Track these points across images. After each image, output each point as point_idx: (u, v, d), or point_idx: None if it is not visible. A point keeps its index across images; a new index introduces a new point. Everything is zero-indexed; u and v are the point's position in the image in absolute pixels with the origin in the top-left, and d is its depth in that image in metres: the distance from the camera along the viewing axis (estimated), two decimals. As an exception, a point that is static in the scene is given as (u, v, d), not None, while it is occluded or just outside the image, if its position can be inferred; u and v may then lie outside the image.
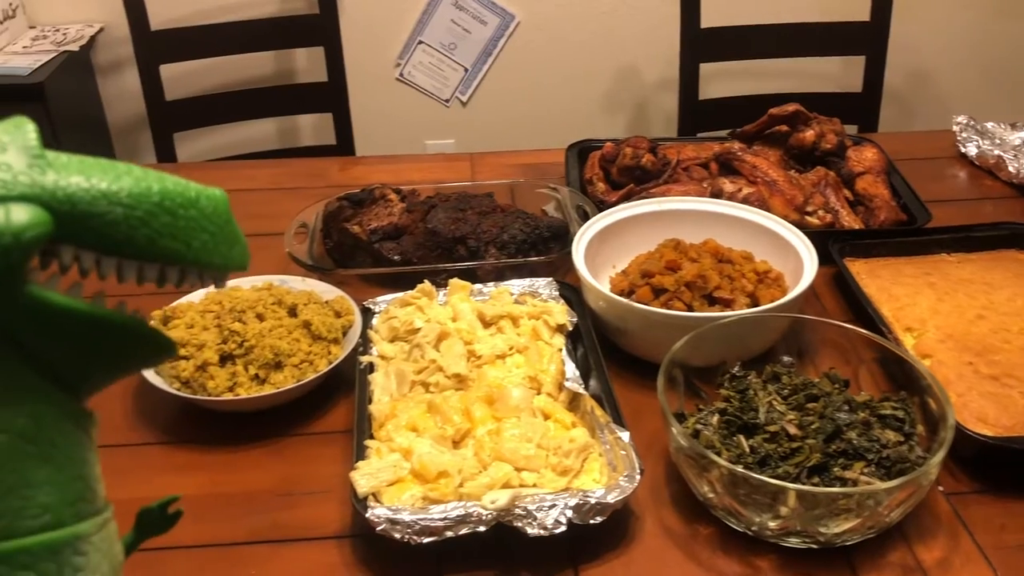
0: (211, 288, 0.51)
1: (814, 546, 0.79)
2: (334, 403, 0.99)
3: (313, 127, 2.44)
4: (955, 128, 1.53)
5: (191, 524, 0.82)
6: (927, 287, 1.09)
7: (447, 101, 2.48)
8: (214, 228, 0.44)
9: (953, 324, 1.02)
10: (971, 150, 1.49)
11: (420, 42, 2.39)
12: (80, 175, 0.39)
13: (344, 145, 2.04)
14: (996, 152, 1.43)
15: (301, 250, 1.17)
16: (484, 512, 0.77)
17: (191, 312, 0.98)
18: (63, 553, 0.43)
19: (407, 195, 1.25)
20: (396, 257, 1.16)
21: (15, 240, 0.36)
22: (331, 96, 2.00)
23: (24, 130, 0.39)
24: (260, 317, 0.98)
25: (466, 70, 2.44)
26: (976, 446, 0.85)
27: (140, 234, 0.40)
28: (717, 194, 1.22)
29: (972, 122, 1.52)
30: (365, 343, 1.01)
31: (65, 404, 0.43)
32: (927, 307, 1.05)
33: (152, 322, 0.96)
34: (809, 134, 1.30)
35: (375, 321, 1.04)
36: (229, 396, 0.93)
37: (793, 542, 0.79)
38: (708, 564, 0.80)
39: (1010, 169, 1.40)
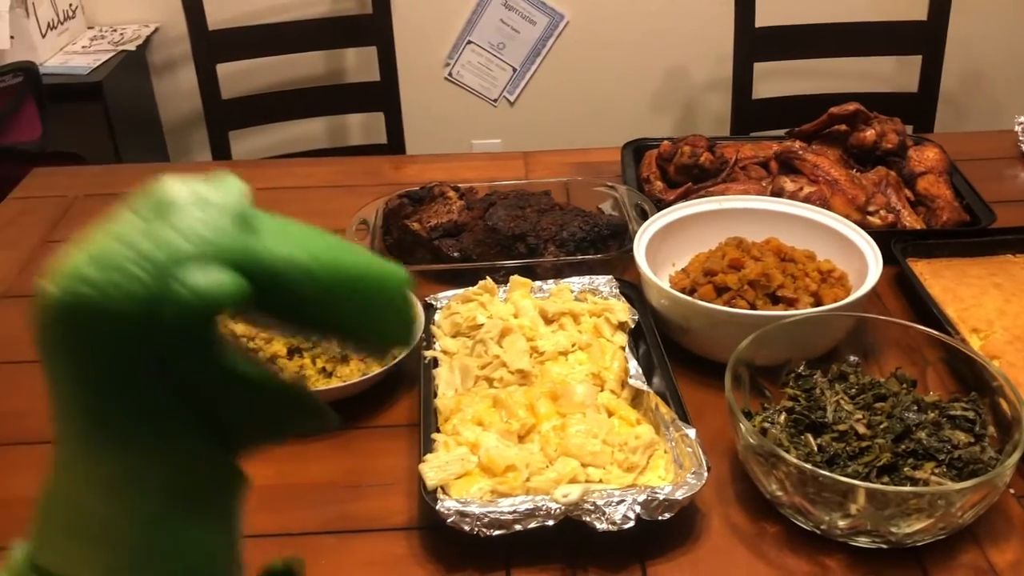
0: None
1: (884, 546, 0.78)
2: (397, 397, 1.00)
3: (362, 126, 2.47)
4: (1017, 128, 1.51)
5: (263, 513, 0.85)
6: (993, 288, 1.08)
7: (495, 101, 2.49)
8: (393, 308, 0.43)
9: (1022, 325, 1.01)
10: (1033, 150, 1.46)
11: (469, 42, 2.41)
12: (285, 244, 0.38)
13: (395, 144, 2.05)
14: (1060, 152, 1.41)
15: (362, 247, 1.18)
16: (553, 506, 0.77)
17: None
18: None
19: (465, 193, 1.26)
20: (456, 254, 1.17)
21: (213, 304, 0.35)
22: (383, 95, 2.01)
23: (231, 187, 0.38)
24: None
25: (514, 70, 2.45)
26: (1049, 448, 0.84)
27: (326, 307, 0.40)
28: (778, 193, 1.21)
29: (1034, 122, 1.49)
30: (428, 338, 1.02)
31: (224, 465, 0.42)
32: (993, 308, 1.04)
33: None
34: (870, 133, 1.29)
35: (437, 317, 1.05)
36: (297, 389, 0.94)
37: (862, 542, 0.79)
38: (776, 562, 0.80)
39: (1075, 170, 1.37)
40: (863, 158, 1.31)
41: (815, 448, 0.83)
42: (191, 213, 0.36)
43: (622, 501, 0.78)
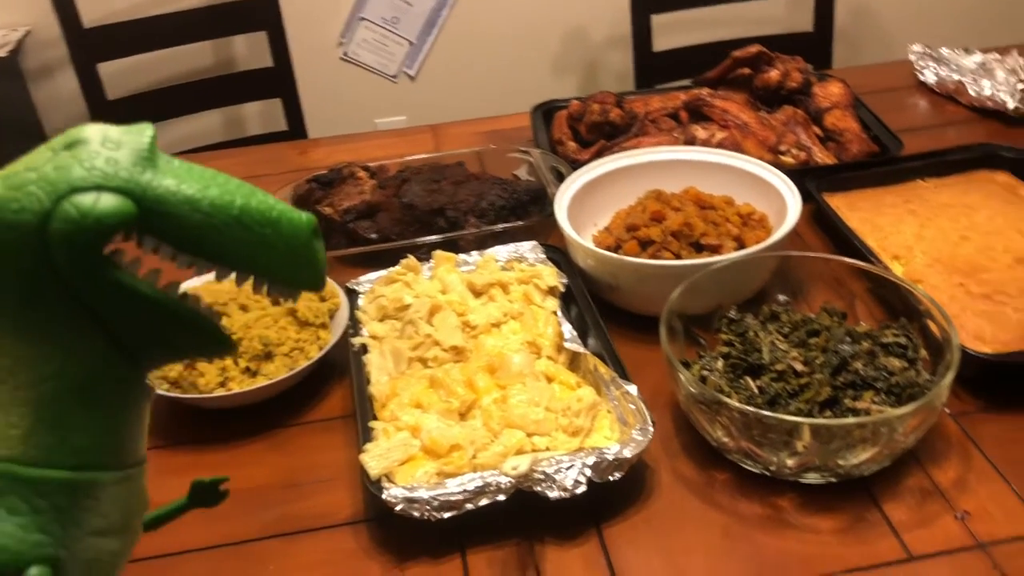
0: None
1: (833, 479, 0.79)
2: (328, 389, 0.97)
3: (260, 114, 2.39)
4: (912, 57, 1.53)
5: (201, 526, 0.81)
6: (908, 215, 1.09)
7: (394, 77, 2.43)
8: (286, 248, 0.48)
9: (939, 248, 1.03)
10: (930, 78, 1.49)
11: (362, 19, 2.34)
12: (174, 179, 0.45)
13: (296, 129, 1.99)
14: (956, 77, 1.44)
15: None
16: (503, 481, 0.75)
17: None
18: (76, 493, 0.48)
19: (376, 172, 1.22)
20: (373, 235, 1.14)
21: (97, 224, 0.43)
22: (278, 81, 1.95)
23: (142, 133, 0.46)
24: (244, 308, 0.96)
25: (411, 43, 2.39)
26: (979, 365, 0.85)
27: (212, 239, 0.46)
28: (690, 141, 1.21)
29: (928, 50, 1.52)
30: (355, 325, 0.98)
31: (120, 369, 0.48)
32: (911, 234, 1.06)
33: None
34: (774, 74, 1.29)
35: (361, 302, 1.02)
36: (222, 392, 0.90)
37: (812, 478, 0.79)
38: (729, 509, 0.79)
39: (971, 93, 1.40)
40: (769, 99, 1.32)
41: (755, 391, 0.83)
42: (95, 149, 0.44)
43: (571, 466, 0.77)
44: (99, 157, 0.44)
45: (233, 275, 0.48)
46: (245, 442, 0.91)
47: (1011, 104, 1.35)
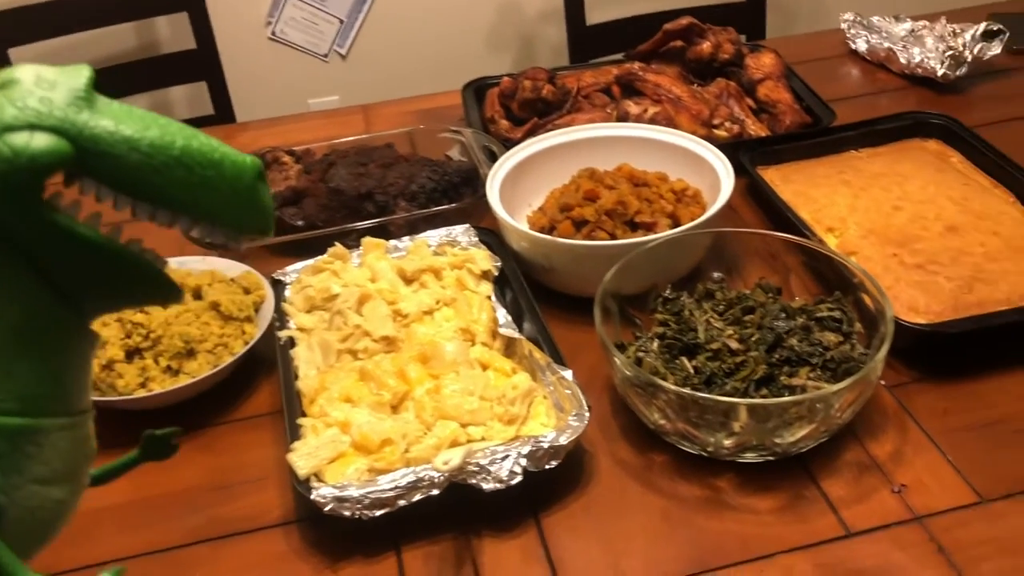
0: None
1: (771, 458, 0.78)
2: (255, 386, 0.93)
3: (187, 98, 2.31)
4: (843, 25, 1.53)
5: (121, 535, 0.78)
6: (842, 185, 1.09)
7: (325, 56, 2.38)
8: (229, 191, 0.46)
9: (872, 219, 1.02)
10: (861, 46, 1.49)
11: (289, -3, 2.28)
12: (112, 119, 0.43)
13: (223, 113, 1.93)
14: (886, 45, 1.44)
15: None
16: (435, 475, 0.73)
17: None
18: (18, 439, 0.46)
19: (301, 156, 1.18)
20: (299, 223, 1.10)
21: (31, 163, 0.41)
22: (203, 63, 1.88)
23: (78, 74, 0.44)
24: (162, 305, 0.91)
25: (341, 21, 2.34)
26: (913, 336, 0.85)
27: (152, 181, 0.44)
28: (623, 117, 1.19)
29: (859, 18, 1.52)
30: (281, 317, 0.95)
31: (61, 314, 0.47)
32: (845, 205, 1.05)
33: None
34: (706, 46, 1.28)
35: (288, 293, 0.98)
36: (143, 393, 0.86)
37: (750, 457, 0.78)
38: (669, 492, 0.78)
39: (901, 61, 1.41)
40: (702, 71, 1.30)
41: (691, 371, 0.82)
42: (29, 89, 0.43)
43: (507, 456, 0.75)
44: (32, 96, 0.43)
45: (177, 225, 0.47)
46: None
47: (940, 71, 1.35)
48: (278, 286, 0.99)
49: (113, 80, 1.85)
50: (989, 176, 1.09)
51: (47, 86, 0.43)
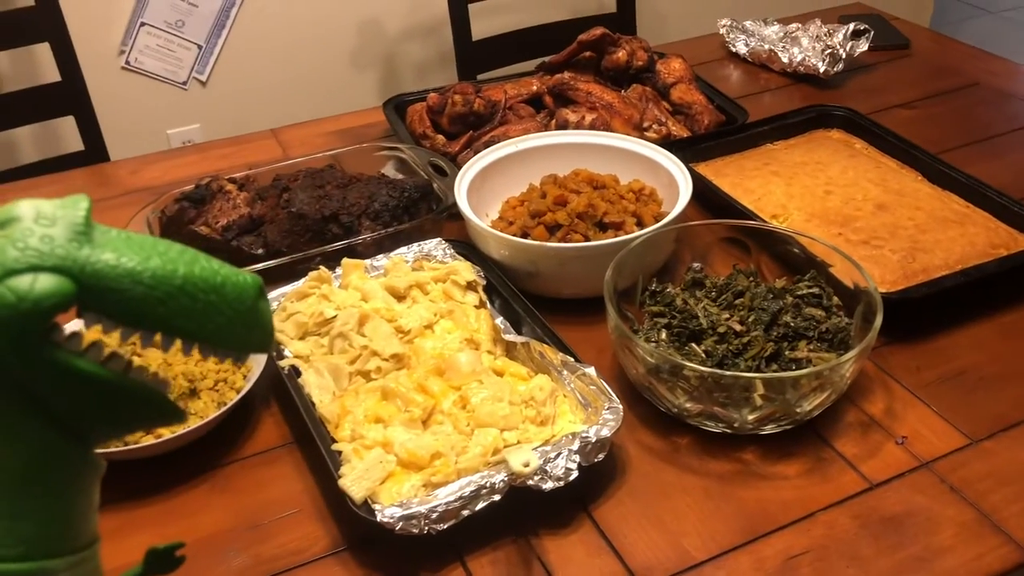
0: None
1: (788, 427, 0.84)
2: (255, 420, 0.90)
3: (33, 137, 2.15)
4: (721, 30, 1.65)
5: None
6: (772, 175, 1.18)
7: (184, 84, 2.28)
8: (232, 313, 0.46)
9: (810, 203, 1.12)
10: (741, 48, 1.61)
11: (143, 24, 2.17)
12: (113, 252, 0.43)
13: (94, 149, 1.81)
14: (767, 47, 1.56)
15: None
16: (497, 481, 0.74)
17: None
18: None
19: (243, 183, 1.15)
20: (259, 251, 1.07)
21: (34, 306, 0.41)
22: (68, 96, 1.76)
23: (76, 207, 0.44)
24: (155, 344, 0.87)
25: (200, 47, 2.25)
26: (884, 304, 0.94)
27: (156, 311, 0.44)
28: (563, 125, 1.23)
29: (735, 22, 1.64)
30: (275, 347, 0.92)
31: (65, 450, 0.46)
32: (781, 193, 1.14)
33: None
34: (621, 54, 1.34)
35: (274, 322, 0.96)
36: (151, 440, 0.82)
37: (770, 428, 0.84)
38: (701, 470, 0.83)
39: (783, 60, 1.53)
40: (618, 79, 1.37)
41: (703, 355, 0.87)
42: (29, 227, 0.42)
43: (559, 454, 0.77)
44: (33, 235, 0.42)
45: (178, 343, 0.46)
46: (180, 490, 0.83)
47: (822, 68, 1.49)
48: (261, 316, 0.96)
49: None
50: (893, 158, 1.22)
51: (47, 223, 0.42)
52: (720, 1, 2.53)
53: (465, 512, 0.74)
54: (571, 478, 0.76)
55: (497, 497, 0.74)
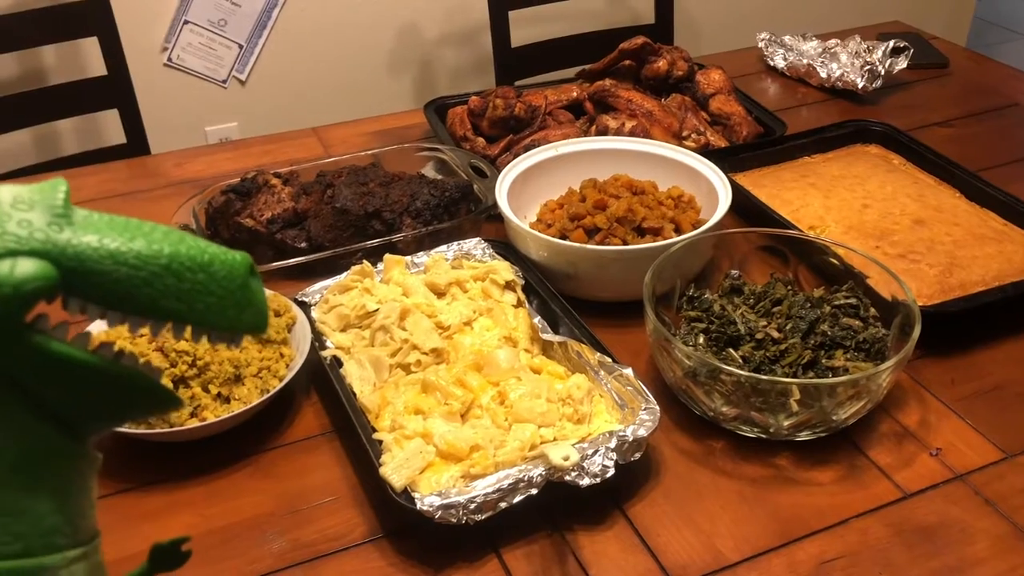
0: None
1: (823, 434, 0.85)
2: (297, 407, 0.92)
3: (75, 131, 2.19)
4: (760, 44, 1.66)
5: (203, 567, 0.75)
6: (810, 188, 1.18)
7: (224, 82, 2.32)
8: (223, 292, 0.45)
9: (847, 216, 1.12)
10: (779, 62, 1.62)
11: (187, 22, 2.21)
12: (95, 234, 0.42)
13: (136, 142, 1.85)
14: (805, 61, 1.57)
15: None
16: (535, 475, 0.75)
17: (120, 340, 0.87)
18: None
19: (288, 178, 1.17)
20: (303, 244, 1.09)
21: (15, 291, 0.39)
22: (113, 90, 1.80)
23: (55, 190, 0.42)
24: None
25: (241, 46, 2.29)
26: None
27: (142, 293, 0.43)
28: (603, 131, 1.25)
29: (774, 37, 1.65)
30: (318, 337, 0.94)
31: (59, 442, 0.45)
32: (819, 205, 1.15)
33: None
34: (662, 63, 1.36)
35: (315, 313, 0.98)
36: (195, 423, 0.83)
37: (804, 435, 0.85)
38: (736, 473, 0.84)
39: (822, 75, 1.54)
40: (657, 88, 1.38)
41: (740, 360, 0.88)
42: (7, 212, 0.41)
43: (596, 452, 0.78)
44: (10, 220, 0.41)
45: (169, 327, 0.45)
46: (223, 473, 0.85)
47: (860, 83, 1.49)
48: (303, 307, 0.98)
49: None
50: (931, 174, 1.22)
51: (24, 207, 0.41)
52: (754, 16, 2.55)
53: (503, 504, 0.75)
54: (607, 475, 0.77)
55: (534, 491, 0.75)
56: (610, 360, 0.88)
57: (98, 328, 0.88)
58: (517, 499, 0.75)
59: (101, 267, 0.42)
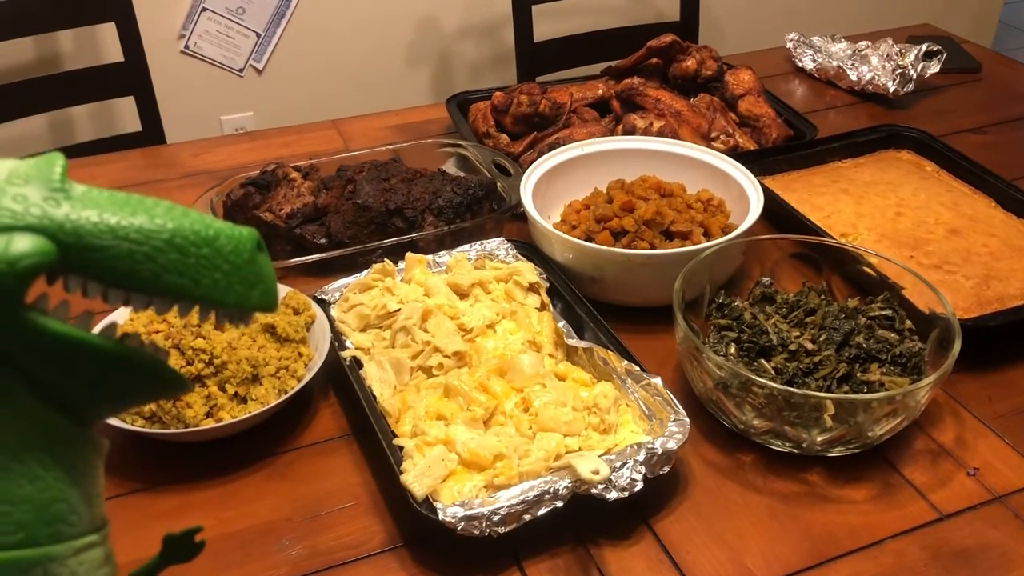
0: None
1: (857, 450, 0.82)
2: (315, 408, 0.90)
3: (90, 117, 2.17)
4: (789, 45, 1.62)
5: (222, 571, 0.73)
6: (842, 193, 1.16)
7: (241, 71, 2.30)
8: (229, 268, 0.43)
9: (880, 224, 1.09)
10: (808, 63, 1.59)
11: (204, 9, 2.18)
12: (94, 209, 0.41)
13: (152, 130, 1.83)
14: (835, 63, 1.54)
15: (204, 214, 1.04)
16: (560, 487, 0.73)
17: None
18: (32, 572, 0.43)
19: (308, 172, 1.14)
20: (322, 240, 1.06)
21: (11, 268, 0.38)
22: (129, 77, 1.78)
23: (52, 164, 0.41)
24: (219, 328, 0.87)
25: (258, 35, 2.26)
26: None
27: (144, 268, 0.41)
28: (630, 131, 1.22)
29: (803, 37, 1.62)
30: (338, 337, 0.92)
31: (62, 427, 0.44)
32: (851, 212, 1.12)
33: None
34: (691, 62, 1.33)
35: (334, 312, 0.95)
36: (211, 423, 0.81)
37: (837, 451, 0.82)
38: (766, 489, 0.81)
39: (852, 77, 1.51)
40: (685, 87, 1.35)
41: (772, 372, 0.85)
42: (1, 187, 0.40)
43: (624, 464, 0.75)
44: (5, 195, 0.40)
45: (175, 307, 0.43)
46: (238, 475, 0.83)
47: (891, 87, 1.46)
48: (322, 306, 0.95)
49: (17, 98, 1.73)
50: (965, 183, 1.19)
51: (20, 182, 0.40)
52: (781, 16, 2.51)
53: (527, 516, 0.72)
54: (636, 489, 0.75)
55: (559, 503, 0.73)
56: (638, 368, 0.85)
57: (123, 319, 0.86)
58: (542, 511, 0.73)
59: (101, 242, 0.40)
